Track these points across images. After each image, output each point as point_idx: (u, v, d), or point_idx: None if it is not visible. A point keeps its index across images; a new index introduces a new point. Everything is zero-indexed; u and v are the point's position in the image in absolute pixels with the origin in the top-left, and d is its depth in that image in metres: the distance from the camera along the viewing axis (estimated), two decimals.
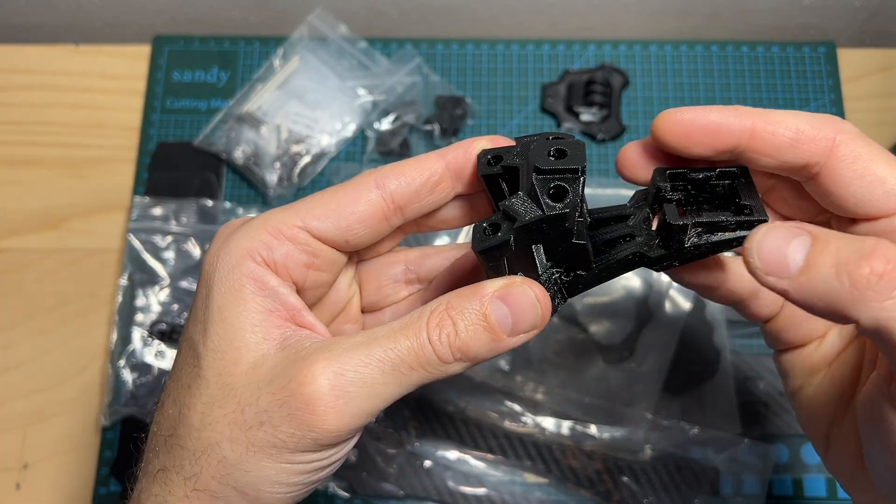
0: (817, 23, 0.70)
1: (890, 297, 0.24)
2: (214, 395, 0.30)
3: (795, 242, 0.26)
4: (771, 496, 0.55)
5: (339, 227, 0.31)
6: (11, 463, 0.57)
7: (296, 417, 0.28)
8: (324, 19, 0.67)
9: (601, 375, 0.58)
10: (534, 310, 0.29)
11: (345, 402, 0.28)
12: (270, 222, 0.31)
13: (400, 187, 0.32)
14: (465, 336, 0.29)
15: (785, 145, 0.29)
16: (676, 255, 0.31)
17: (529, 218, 0.28)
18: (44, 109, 0.67)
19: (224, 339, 0.30)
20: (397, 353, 0.28)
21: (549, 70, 0.67)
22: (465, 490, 0.55)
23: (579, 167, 0.28)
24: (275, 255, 0.31)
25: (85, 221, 0.63)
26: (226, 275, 0.30)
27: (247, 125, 0.64)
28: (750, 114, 0.30)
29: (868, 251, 0.24)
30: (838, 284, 0.25)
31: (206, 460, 0.29)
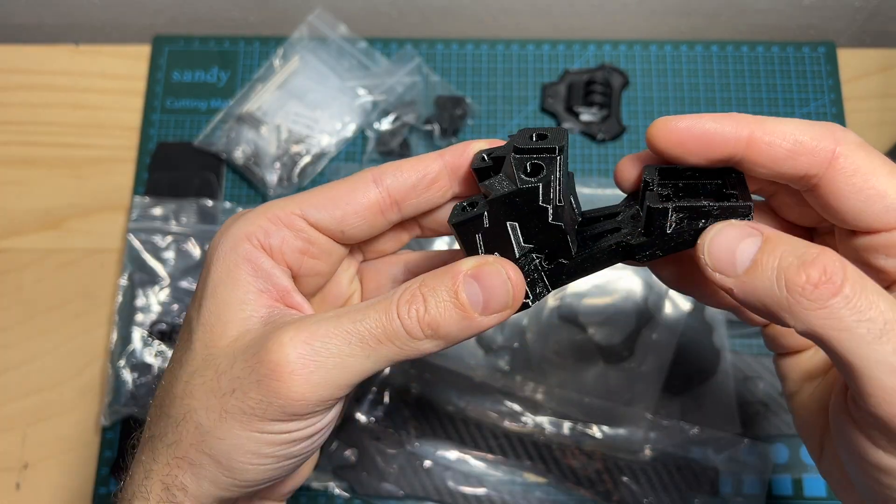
0: (817, 23, 0.70)
1: (822, 306, 0.25)
2: (198, 365, 0.31)
3: (746, 242, 0.27)
4: (771, 496, 0.55)
5: (334, 217, 0.32)
6: (11, 463, 0.57)
7: (263, 384, 0.29)
8: (324, 19, 0.67)
9: (601, 375, 0.58)
10: (505, 289, 0.29)
11: (311, 371, 0.28)
12: (271, 209, 0.32)
13: (396, 182, 0.32)
14: (434, 312, 0.29)
15: (781, 157, 0.29)
16: (658, 242, 0.30)
17: (502, 191, 0.28)
18: (44, 109, 0.67)
19: (213, 314, 0.31)
20: (366, 327, 0.29)
21: (549, 70, 0.67)
22: (465, 490, 0.55)
23: (556, 147, 0.29)
24: (271, 240, 0.32)
25: (85, 221, 0.63)
26: (223, 255, 0.32)
27: (247, 125, 0.64)
28: (747, 122, 0.29)
29: (809, 259, 0.25)
30: (776, 289, 0.26)
31: (185, 427, 0.30)
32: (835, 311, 0.25)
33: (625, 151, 0.64)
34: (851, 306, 0.25)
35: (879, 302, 0.25)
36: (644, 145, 0.31)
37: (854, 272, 0.25)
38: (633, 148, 0.64)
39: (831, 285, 0.25)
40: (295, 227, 0.32)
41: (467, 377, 0.57)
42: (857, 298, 0.25)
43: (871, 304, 0.25)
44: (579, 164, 0.64)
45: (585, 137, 0.65)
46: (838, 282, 0.25)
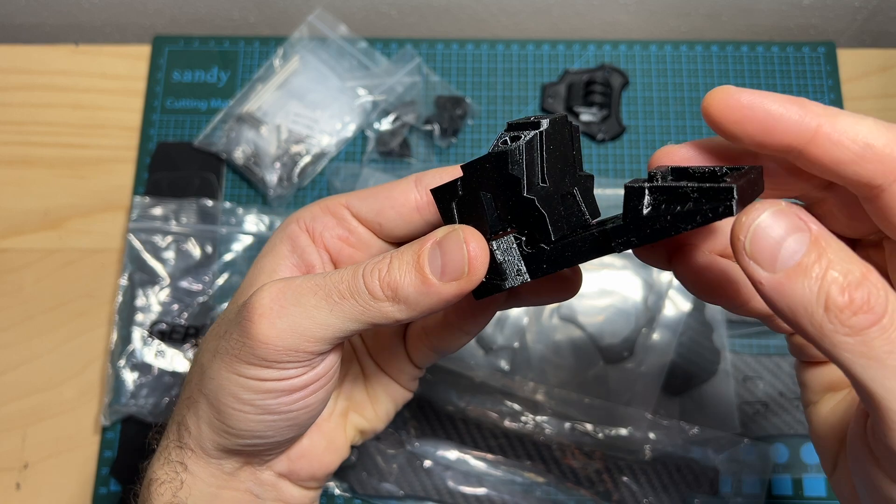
0: (817, 23, 0.70)
1: (856, 333, 0.23)
2: (218, 328, 0.34)
3: (794, 238, 0.24)
4: (770, 496, 0.55)
5: (373, 209, 0.35)
6: (11, 463, 0.57)
7: (240, 325, 0.31)
8: (324, 19, 0.67)
9: (601, 375, 0.58)
10: (460, 254, 0.29)
11: (277, 315, 0.30)
12: (325, 200, 0.36)
13: (433, 181, 0.34)
14: (395, 274, 0.29)
15: (847, 159, 0.26)
16: (633, 227, 0.27)
17: (475, 160, 0.29)
18: (44, 109, 0.67)
19: (249, 278, 0.36)
20: (332, 281, 0.30)
21: (549, 70, 0.67)
22: (465, 490, 0.55)
23: (541, 121, 0.28)
24: (315, 224, 0.35)
25: (85, 221, 0.63)
26: (276, 234, 0.36)
27: (247, 125, 0.64)
28: (816, 112, 0.26)
29: (855, 280, 0.23)
30: (814, 302, 0.23)
31: (195, 370, 0.34)
32: (868, 340, 0.23)
33: (625, 151, 0.64)
34: (886, 337, 0.23)
35: None
36: (644, 145, 0.31)
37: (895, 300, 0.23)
38: (633, 148, 0.64)
39: (872, 314, 0.23)
40: (339, 216, 0.35)
41: (467, 377, 0.57)
42: (894, 330, 0.23)
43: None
44: None
45: (585, 137, 0.65)
46: (880, 311, 0.23)
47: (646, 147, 0.64)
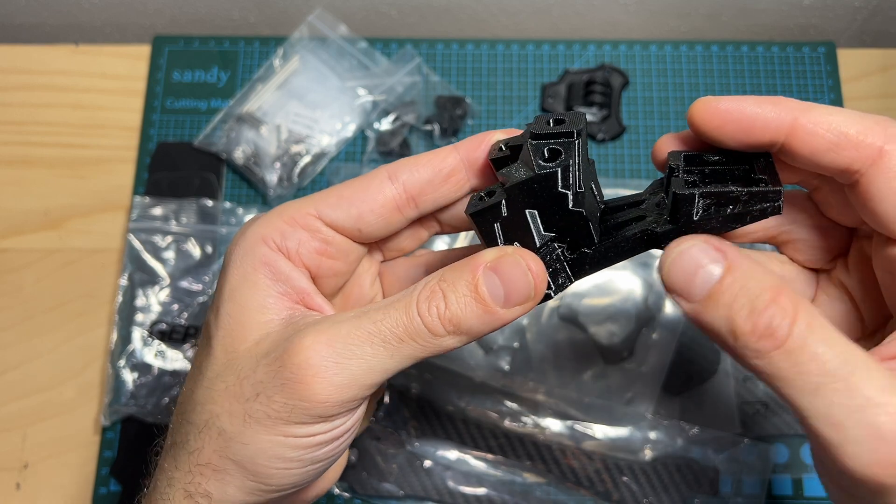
0: (817, 23, 0.70)
1: (763, 357, 0.25)
2: (218, 370, 0.31)
3: (707, 270, 0.26)
4: (770, 496, 0.55)
5: (350, 216, 0.32)
6: (11, 463, 0.57)
7: (287, 387, 0.28)
8: (324, 19, 0.67)
9: (601, 375, 0.58)
10: (525, 280, 0.29)
11: (334, 373, 0.28)
12: (287, 211, 0.32)
13: (412, 177, 0.32)
14: (455, 308, 0.28)
15: (823, 148, 0.27)
16: (685, 229, 0.29)
17: (519, 178, 0.28)
18: (44, 109, 0.67)
19: (233, 318, 0.31)
20: (387, 326, 0.28)
21: (549, 70, 0.67)
22: (465, 490, 0.55)
23: (574, 130, 0.28)
24: (288, 242, 0.32)
25: (85, 221, 0.63)
26: (240, 259, 0.32)
27: (247, 125, 0.64)
28: (791, 108, 0.28)
29: (760, 307, 0.25)
30: (725, 329, 0.26)
31: (207, 434, 0.30)
32: (774, 363, 0.25)
33: (625, 151, 0.64)
34: (791, 360, 0.25)
35: (825, 352, 0.25)
36: (644, 145, 0.31)
37: (803, 322, 0.25)
38: (633, 148, 0.64)
39: (773, 339, 0.25)
40: (311, 228, 0.32)
41: (467, 377, 0.57)
42: (799, 353, 0.25)
43: (813, 356, 0.24)
44: None
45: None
46: (782, 336, 0.25)
47: (646, 147, 0.64)
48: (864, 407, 0.24)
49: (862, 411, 0.24)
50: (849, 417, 0.24)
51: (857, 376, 0.24)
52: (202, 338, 0.33)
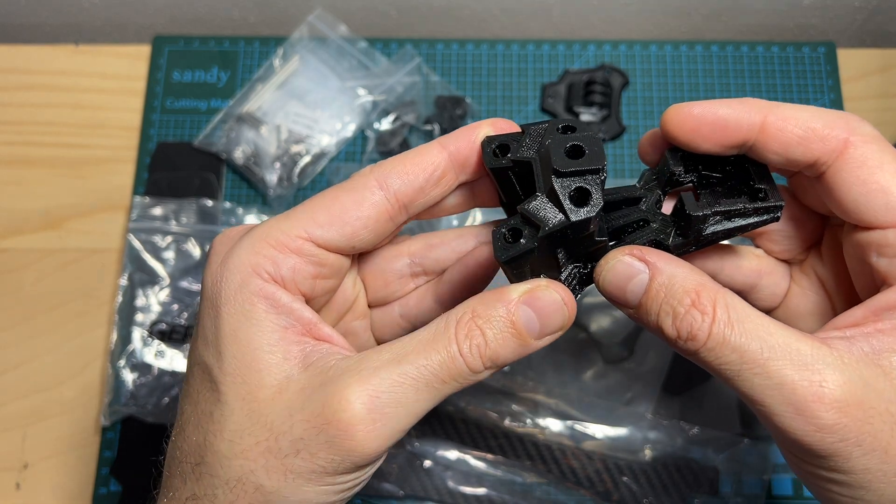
0: (817, 23, 0.70)
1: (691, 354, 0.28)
2: (242, 422, 0.29)
3: (634, 282, 0.29)
4: (770, 496, 0.55)
5: (344, 235, 0.31)
6: (11, 463, 0.57)
7: (334, 444, 0.28)
8: (324, 19, 0.67)
9: (601, 375, 0.58)
10: (561, 312, 0.30)
11: (382, 425, 0.28)
12: (272, 234, 0.30)
13: (403, 186, 0.31)
14: (494, 345, 0.29)
15: (793, 142, 0.29)
16: (695, 242, 0.31)
17: (554, 225, 0.28)
18: (44, 109, 0.67)
19: (242, 363, 0.29)
20: (430, 370, 0.28)
21: (549, 70, 0.67)
22: (465, 490, 0.55)
23: (600, 166, 0.28)
24: (281, 271, 0.30)
25: (85, 221, 0.63)
26: (233, 295, 0.30)
27: (247, 125, 0.64)
28: (760, 107, 0.29)
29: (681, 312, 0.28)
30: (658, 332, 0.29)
31: (241, 489, 0.29)
32: (701, 359, 0.28)
33: (625, 151, 0.64)
34: (714, 355, 0.27)
35: (743, 343, 0.27)
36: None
37: (722, 319, 0.27)
38: (633, 148, 0.64)
39: (695, 342, 0.27)
40: (303, 252, 0.30)
41: None
42: (720, 348, 0.27)
43: (733, 348, 0.27)
44: None
45: None
46: (702, 337, 0.27)
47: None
48: (781, 385, 0.26)
49: (779, 389, 0.26)
50: (769, 397, 0.27)
51: (773, 359, 0.26)
52: (201, 378, 0.31)
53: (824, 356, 0.27)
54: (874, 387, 0.26)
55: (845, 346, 0.27)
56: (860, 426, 0.26)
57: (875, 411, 0.26)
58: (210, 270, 0.31)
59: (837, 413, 0.26)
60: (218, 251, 0.31)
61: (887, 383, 0.26)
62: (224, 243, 0.32)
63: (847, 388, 0.26)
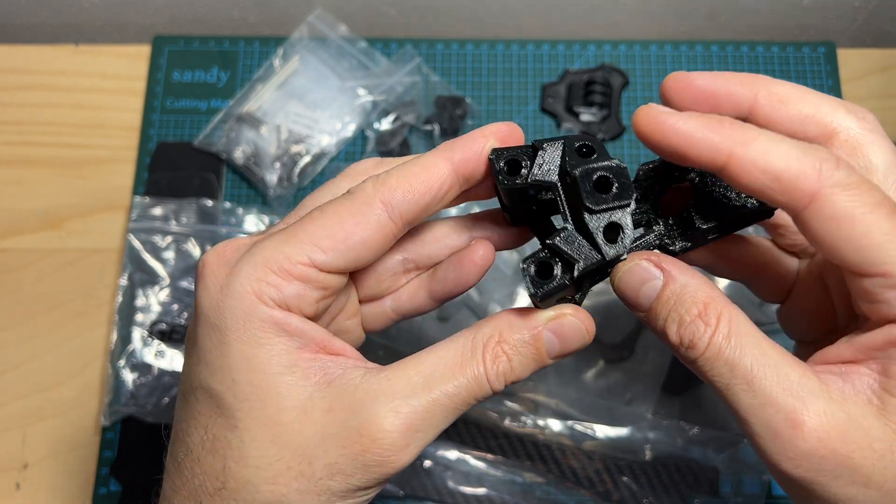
0: (817, 23, 0.70)
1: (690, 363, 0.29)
2: (267, 448, 0.29)
3: (647, 287, 0.30)
4: (770, 496, 0.55)
5: (348, 259, 0.30)
6: (11, 463, 0.57)
7: (370, 468, 0.29)
8: (324, 19, 0.67)
9: (601, 375, 0.58)
10: (582, 337, 0.31)
11: (414, 445, 0.29)
12: (275, 259, 0.29)
13: (409, 205, 0.30)
14: (519, 370, 0.31)
15: (758, 188, 0.27)
16: (698, 245, 0.33)
17: (590, 264, 0.29)
18: (44, 109, 0.67)
19: (260, 389, 0.29)
20: (461, 397, 0.30)
21: (549, 70, 0.67)
22: (465, 490, 0.55)
23: (630, 200, 0.28)
24: (287, 298, 0.30)
25: (85, 221, 0.63)
26: (241, 323, 0.29)
27: (247, 125, 0.64)
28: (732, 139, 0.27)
29: (686, 321, 0.29)
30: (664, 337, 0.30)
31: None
32: (698, 368, 0.29)
33: (625, 151, 0.64)
34: (709, 366, 0.28)
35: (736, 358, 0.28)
36: (644, 145, 0.31)
37: (722, 333, 0.28)
38: (633, 148, 0.64)
39: (695, 350, 0.28)
40: (308, 279, 0.30)
41: None
42: (714, 360, 0.28)
43: (726, 362, 0.28)
44: None
45: None
46: (701, 347, 0.28)
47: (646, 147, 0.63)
48: (764, 405, 0.27)
49: (762, 409, 0.27)
50: (752, 414, 0.27)
51: (760, 378, 0.27)
52: (206, 404, 0.30)
53: (812, 386, 0.27)
54: (859, 423, 0.26)
55: (835, 381, 0.28)
56: (839, 459, 0.26)
57: (857, 446, 0.26)
58: (207, 295, 0.30)
59: (816, 443, 0.26)
60: (214, 272, 0.31)
61: (876, 421, 0.27)
62: (218, 263, 0.31)
63: (828, 420, 0.26)
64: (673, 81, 0.31)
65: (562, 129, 0.65)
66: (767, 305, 0.57)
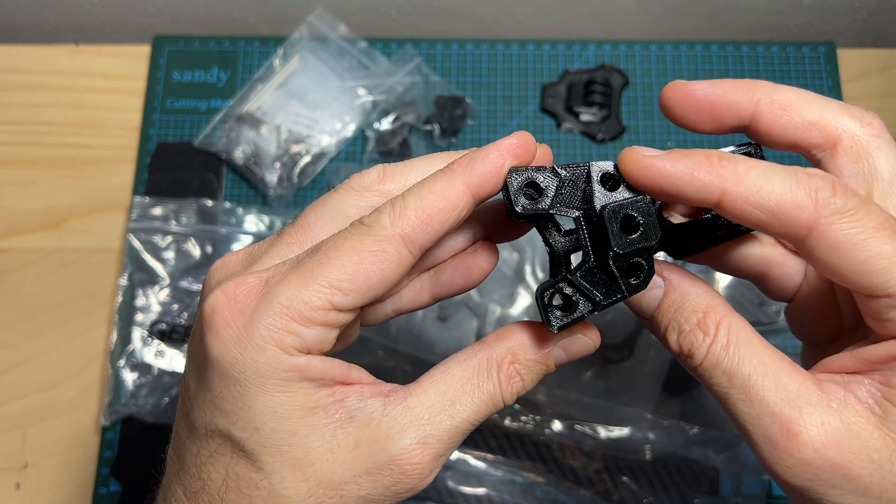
0: (817, 23, 0.70)
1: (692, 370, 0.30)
2: (298, 487, 0.30)
3: (650, 295, 0.30)
4: (770, 496, 0.55)
5: (368, 298, 0.29)
6: (11, 463, 0.57)
7: (401, 494, 0.31)
8: (324, 19, 0.67)
9: (601, 375, 0.58)
10: (588, 349, 0.32)
11: (438, 467, 0.31)
12: (293, 307, 0.28)
13: (428, 237, 0.29)
14: (529, 385, 0.32)
15: (755, 221, 0.27)
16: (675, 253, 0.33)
17: (611, 301, 0.29)
18: (44, 109, 0.67)
19: (286, 434, 0.29)
20: (478, 417, 0.31)
21: (549, 70, 0.67)
22: (465, 490, 0.55)
23: (655, 242, 0.28)
24: (307, 343, 0.29)
25: (85, 221, 0.63)
26: (264, 376, 0.29)
27: (247, 125, 0.64)
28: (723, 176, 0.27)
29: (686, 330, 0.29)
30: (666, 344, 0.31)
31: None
32: (698, 376, 0.29)
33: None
34: (707, 375, 0.29)
35: (734, 367, 0.28)
36: (644, 145, 0.31)
37: (720, 342, 0.28)
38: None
39: (693, 360, 0.29)
40: (328, 323, 0.29)
41: None
42: (712, 370, 0.28)
43: (724, 371, 0.28)
44: None
45: (585, 137, 0.65)
46: (700, 356, 0.29)
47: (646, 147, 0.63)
48: (761, 415, 0.27)
49: (759, 419, 0.27)
50: (750, 423, 0.28)
51: (758, 388, 0.27)
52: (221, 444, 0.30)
53: (810, 395, 0.27)
54: (857, 433, 0.27)
55: (837, 389, 0.28)
56: (836, 468, 0.26)
57: (854, 456, 0.26)
58: (223, 346, 0.29)
59: (812, 453, 0.26)
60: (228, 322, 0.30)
61: (876, 431, 0.27)
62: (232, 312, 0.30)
63: (825, 431, 0.26)
64: (672, 91, 0.30)
65: (562, 129, 0.65)
66: (767, 305, 0.57)
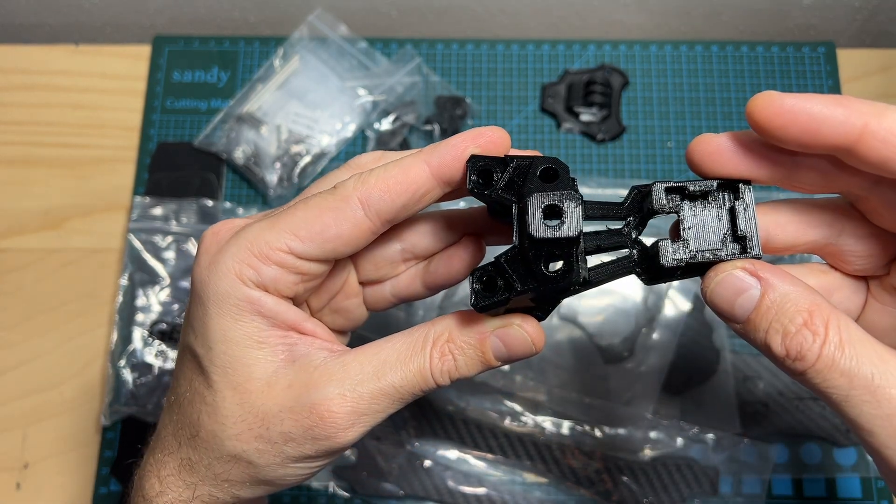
0: (817, 23, 0.70)
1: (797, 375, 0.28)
2: (234, 409, 0.33)
3: (743, 297, 0.29)
4: (770, 496, 0.55)
5: (324, 250, 0.32)
6: (11, 463, 0.57)
7: (318, 441, 0.32)
8: (324, 19, 0.67)
9: (601, 375, 0.58)
10: (528, 347, 0.32)
11: (361, 426, 0.32)
12: (256, 245, 0.32)
13: (386, 205, 0.31)
14: (463, 369, 0.33)
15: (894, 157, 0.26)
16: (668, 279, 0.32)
17: (526, 288, 0.29)
18: (44, 109, 0.67)
19: (232, 358, 0.33)
20: (406, 388, 0.32)
21: (549, 70, 0.67)
22: (465, 490, 0.55)
23: (575, 235, 0.28)
24: (264, 279, 0.32)
25: (85, 221, 0.63)
26: (221, 298, 0.32)
27: (247, 125, 0.64)
28: (861, 111, 0.26)
29: (791, 331, 0.27)
30: (765, 350, 0.29)
31: (234, 462, 0.33)
32: (808, 380, 0.27)
33: (625, 151, 0.64)
34: (821, 377, 0.27)
35: (853, 367, 0.26)
36: (644, 145, 0.31)
37: (833, 342, 0.27)
38: (633, 148, 0.64)
39: (804, 362, 0.27)
40: (284, 264, 0.32)
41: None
42: (828, 371, 0.27)
43: (842, 373, 0.26)
44: (579, 164, 0.64)
45: (585, 137, 0.65)
46: (812, 358, 0.27)
47: (646, 147, 0.64)
48: (891, 416, 0.26)
49: (890, 420, 0.26)
50: (877, 425, 0.26)
51: (885, 387, 0.26)
52: (191, 363, 0.34)
53: None
54: None
55: None
56: None
57: None
58: (199, 266, 0.33)
59: None
60: (207, 249, 0.33)
61: None
62: (212, 241, 0.34)
63: None
64: (760, 104, 0.28)
65: (562, 129, 0.65)
66: None
